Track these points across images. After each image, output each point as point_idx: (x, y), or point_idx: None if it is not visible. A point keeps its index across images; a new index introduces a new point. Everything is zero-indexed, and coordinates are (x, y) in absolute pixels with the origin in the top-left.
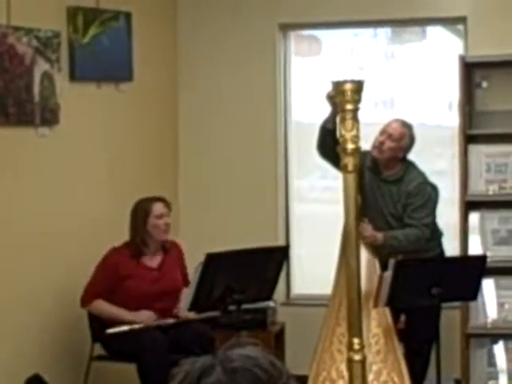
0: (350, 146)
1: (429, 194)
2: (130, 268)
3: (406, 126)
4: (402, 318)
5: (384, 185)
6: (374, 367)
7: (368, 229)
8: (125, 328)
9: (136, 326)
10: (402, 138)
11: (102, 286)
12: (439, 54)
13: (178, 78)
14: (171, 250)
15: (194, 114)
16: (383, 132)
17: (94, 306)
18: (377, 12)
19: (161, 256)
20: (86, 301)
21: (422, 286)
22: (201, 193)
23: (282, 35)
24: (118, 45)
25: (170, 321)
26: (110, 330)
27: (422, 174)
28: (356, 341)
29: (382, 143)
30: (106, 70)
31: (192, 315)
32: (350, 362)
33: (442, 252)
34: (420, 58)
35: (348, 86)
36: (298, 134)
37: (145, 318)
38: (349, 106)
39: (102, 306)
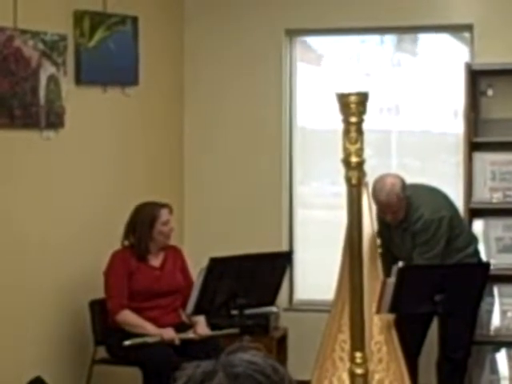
0: (354, 160)
1: (434, 229)
2: (135, 266)
3: (392, 192)
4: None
5: (392, 229)
6: (377, 376)
7: None
8: (143, 340)
9: (153, 340)
10: (396, 203)
11: (122, 289)
12: (445, 61)
13: (184, 82)
14: (172, 253)
15: (200, 119)
16: (378, 209)
17: (122, 317)
18: (383, 19)
19: (163, 255)
20: (114, 312)
21: (425, 292)
22: (205, 197)
23: (288, 41)
24: (125, 49)
25: (191, 335)
26: (127, 342)
27: (424, 208)
28: (359, 354)
29: (385, 218)
30: (111, 74)
31: (209, 332)
32: (352, 375)
33: (479, 260)
34: (425, 65)
35: (352, 99)
36: (303, 139)
37: (170, 335)
38: (353, 119)
39: (130, 318)
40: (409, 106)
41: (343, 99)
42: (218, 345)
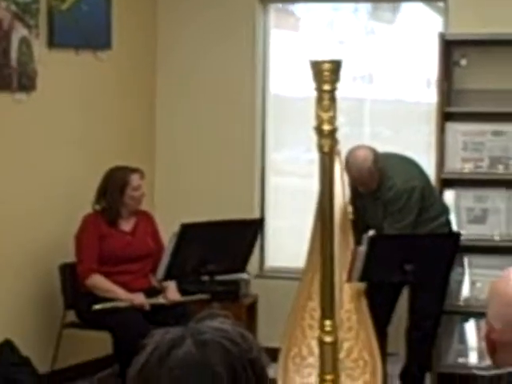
0: (327, 127)
1: (406, 199)
2: (106, 230)
3: (363, 166)
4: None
5: (365, 198)
6: (346, 344)
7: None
8: (113, 305)
9: (123, 304)
10: (368, 176)
11: (92, 253)
12: (419, 30)
13: (157, 47)
14: (143, 219)
15: (173, 84)
16: (351, 181)
17: (92, 282)
18: None
19: (134, 221)
20: (84, 277)
21: (396, 261)
22: (177, 163)
23: (261, 8)
24: (98, 12)
25: (161, 300)
26: (97, 307)
27: (396, 178)
28: (328, 322)
29: (357, 189)
30: (84, 37)
31: (180, 297)
32: (321, 343)
33: (450, 230)
34: (399, 34)
35: (326, 66)
36: (276, 107)
37: (140, 300)
38: (326, 87)
39: (100, 282)
40: (382, 74)
41: (317, 67)
42: (187, 311)
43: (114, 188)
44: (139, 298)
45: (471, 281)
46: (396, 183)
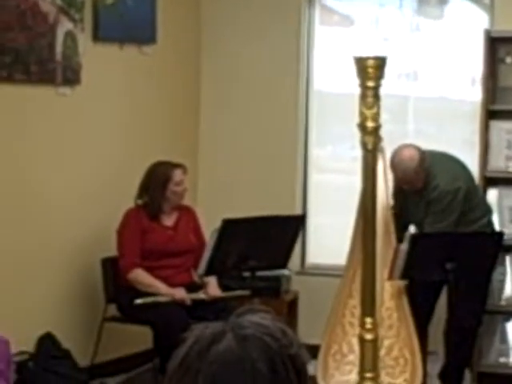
0: (371, 125)
1: (449, 200)
2: (148, 225)
3: (409, 167)
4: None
5: (408, 195)
6: (386, 342)
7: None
8: (154, 299)
9: (164, 299)
10: (413, 177)
11: (134, 247)
12: (464, 27)
13: (202, 42)
14: (185, 214)
15: (216, 79)
16: (395, 180)
17: (134, 276)
18: None
19: (176, 216)
20: (126, 271)
21: (437, 260)
22: (220, 159)
23: (307, 4)
24: (143, 6)
25: (202, 296)
26: (139, 301)
27: (441, 178)
28: (369, 320)
29: (401, 188)
30: (129, 32)
31: (220, 293)
32: (361, 340)
33: (492, 231)
34: (444, 31)
35: (370, 63)
36: (320, 102)
37: (181, 295)
38: (370, 84)
39: (142, 277)
40: (427, 71)
41: (361, 63)
42: (227, 306)
43: (157, 183)
44: (180, 293)
45: None
46: (440, 183)
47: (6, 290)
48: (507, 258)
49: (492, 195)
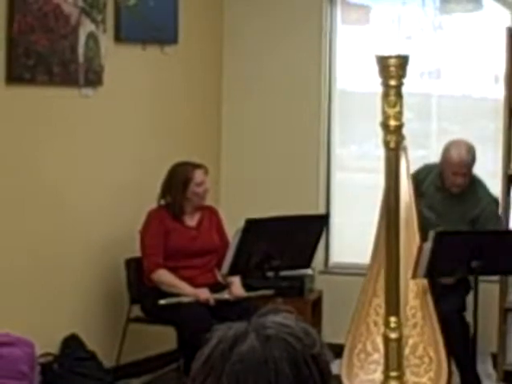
0: (393, 123)
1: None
2: (171, 225)
3: (468, 153)
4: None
5: (451, 200)
6: (411, 341)
7: None
8: (178, 300)
9: (188, 300)
10: (469, 168)
11: (158, 247)
12: (487, 25)
13: (223, 42)
14: (207, 214)
15: (238, 79)
16: (451, 171)
17: (158, 276)
18: None
19: (199, 215)
20: (149, 271)
21: (462, 258)
22: (242, 158)
23: (328, 2)
24: (164, 7)
25: (226, 296)
26: (163, 302)
27: (487, 191)
28: (393, 319)
29: (454, 182)
30: (151, 32)
31: (244, 293)
32: (386, 339)
33: None
34: (467, 29)
35: (392, 61)
36: (342, 101)
37: (205, 295)
38: (392, 82)
39: (166, 277)
40: (450, 69)
41: (383, 62)
42: (251, 306)
43: (178, 184)
44: (204, 294)
45: None
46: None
47: (31, 291)
48: None
49: None
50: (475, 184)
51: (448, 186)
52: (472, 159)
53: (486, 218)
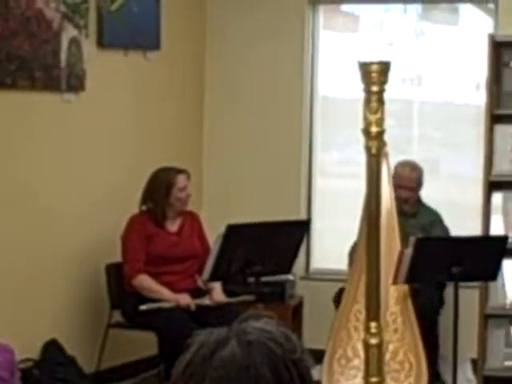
0: (375, 129)
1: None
2: (152, 231)
3: (415, 170)
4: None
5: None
6: (391, 346)
7: None
8: (158, 305)
9: (169, 305)
10: (417, 180)
11: (139, 253)
12: (468, 32)
13: (206, 48)
14: (189, 219)
15: (221, 85)
16: (396, 184)
17: (139, 282)
18: None
19: (180, 221)
20: (130, 277)
21: (443, 264)
22: (224, 164)
23: (311, 9)
24: (147, 13)
25: (207, 302)
26: (143, 307)
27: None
28: (373, 324)
29: (401, 196)
30: (133, 38)
31: (225, 298)
32: (366, 345)
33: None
34: (449, 36)
35: (374, 68)
36: (324, 108)
37: (186, 301)
38: (374, 88)
39: (147, 283)
40: (431, 76)
41: (365, 68)
42: (232, 312)
43: (160, 189)
44: (185, 299)
45: None
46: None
47: (11, 296)
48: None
49: (496, 199)
50: (421, 203)
51: (398, 205)
52: (417, 177)
53: (431, 225)
